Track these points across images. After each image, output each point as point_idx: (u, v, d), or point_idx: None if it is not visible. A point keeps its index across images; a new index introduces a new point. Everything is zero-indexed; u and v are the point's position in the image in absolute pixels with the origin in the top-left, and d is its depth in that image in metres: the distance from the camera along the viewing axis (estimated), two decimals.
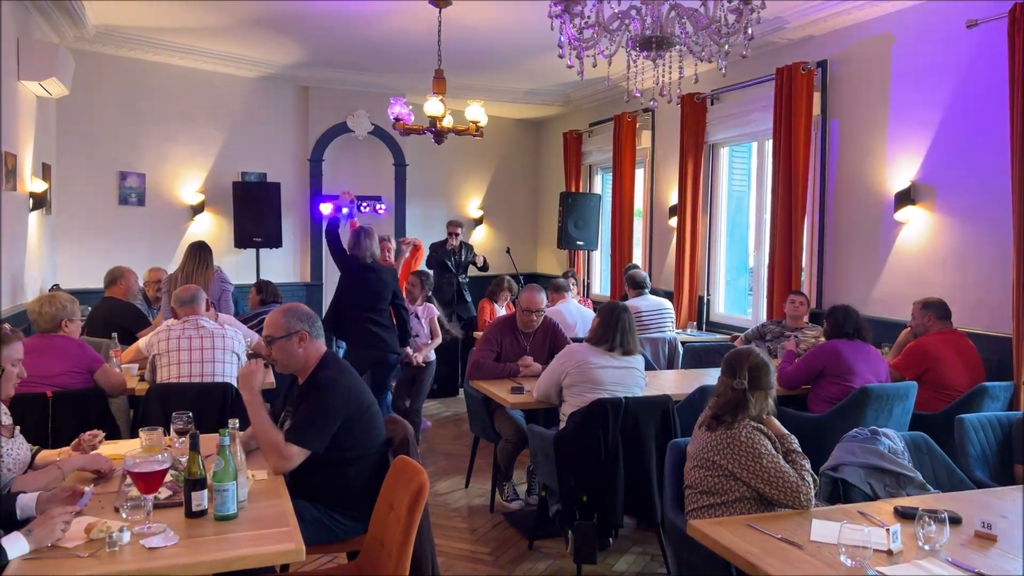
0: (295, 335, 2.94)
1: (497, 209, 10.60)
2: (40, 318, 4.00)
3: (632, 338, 4.09)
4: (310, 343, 2.97)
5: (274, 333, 2.96)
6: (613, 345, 4.02)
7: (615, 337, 4.03)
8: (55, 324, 4.01)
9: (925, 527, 2.22)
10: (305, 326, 2.96)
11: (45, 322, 4.00)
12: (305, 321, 2.98)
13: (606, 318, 4.08)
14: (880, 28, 5.61)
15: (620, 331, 4.04)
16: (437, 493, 5.05)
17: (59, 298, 4.08)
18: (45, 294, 4.15)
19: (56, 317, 4.01)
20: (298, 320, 2.97)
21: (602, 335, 4.04)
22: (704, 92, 7.16)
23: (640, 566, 4.00)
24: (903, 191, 5.38)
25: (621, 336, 4.04)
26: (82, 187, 7.62)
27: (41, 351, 3.83)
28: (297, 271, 9.11)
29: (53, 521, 2.12)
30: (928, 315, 4.71)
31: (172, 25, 7.07)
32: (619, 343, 4.03)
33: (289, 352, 2.95)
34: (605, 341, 4.03)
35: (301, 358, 2.97)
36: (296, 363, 2.98)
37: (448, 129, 6.29)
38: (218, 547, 2.18)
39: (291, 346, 2.94)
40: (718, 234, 7.55)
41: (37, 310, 4.01)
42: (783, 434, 2.79)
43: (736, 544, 2.26)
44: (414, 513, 2.42)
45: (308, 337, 2.96)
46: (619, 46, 3.24)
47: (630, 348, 4.07)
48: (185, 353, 4.07)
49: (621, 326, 4.05)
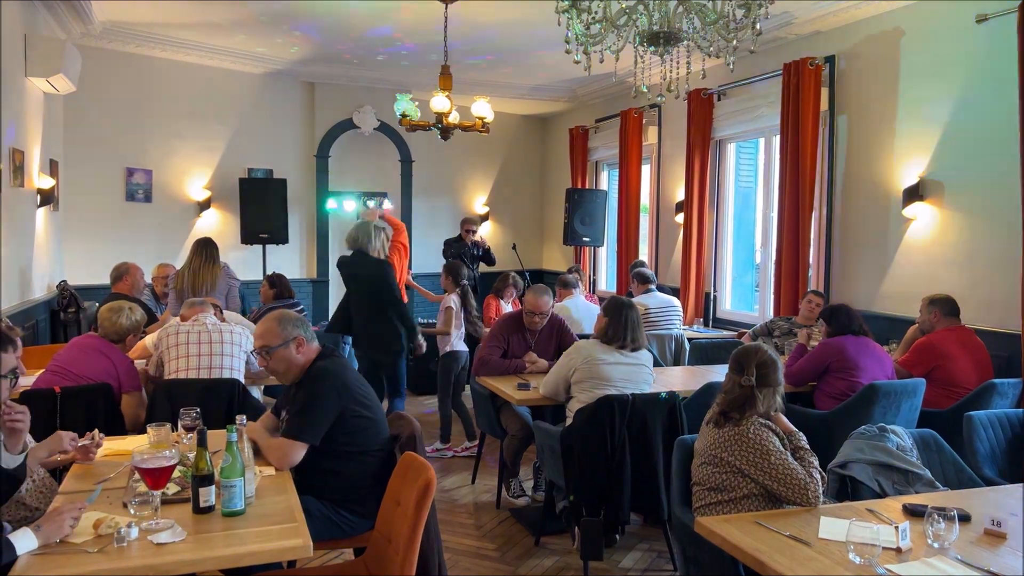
0: (292, 342, 2.93)
1: (503, 205, 10.59)
2: (112, 327, 3.96)
3: (640, 333, 4.09)
4: (307, 347, 2.97)
5: (271, 343, 2.92)
6: (624, 343, 4.02)
7: (625, 334, 4.02)
8: (121, 336, 4.00)
9: (934, 525, 2.21)
10: (300, 331, 2.96)
11: (114, 331, 3.97)
12: (299, 326, 2.97)
13: (614, 316, 4.07)
14: (889, 23, 5.58)
15: (629, 328, 4.04)
16: (444, 489, 5.05)
17: (132, 314, 4.04)
18: (120, 304, 4.07)
19: (127, 330, 4.00)
20: (293, 327, 2.95)
21: (612, 334, 4.03)
22: (711, 88, 7.14)
23: (647, 563, 4.00)
24: (911, 187, 5.36)
25: (631, 332, 4.04)
26: (89, 183, 7.64)
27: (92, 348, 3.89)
28: (303, 267, 9.12)
29: (62, 517, 2.13)
30: (936, 312, 4.69)
31: (178, 21, 7.08)
32: (629, 340, 4.03)
33: (288, 359, 2.93)
34: (616, 339, 4.02)
35: (300, 364, 2.95)
36: (295, 370, 2.96)
37: (454, 125, 6.28)
38: (226, 543, 2.19)
39: (289, 353, 2.93)
40: (725, 230, 7.53)
41: (111, 319, 3.95)
42: (791, 431, 2.78)
43: (744, 541, 2.25)
44: (421, 509, 2.42)
45: (305, 342, 2.96)
46: (626, 41, 3.22)
47: (639, 344, 4.07)
48: (194, 347, 4.09)
49: (630, 323, 4.04)
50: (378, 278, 5.30)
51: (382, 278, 5.29)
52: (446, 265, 6.17)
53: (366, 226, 5.47)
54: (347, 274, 5.50)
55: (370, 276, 5.33)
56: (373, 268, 5.32)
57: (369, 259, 5.37)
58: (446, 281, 6.03)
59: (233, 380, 4.00)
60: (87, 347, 3.94)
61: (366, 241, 5.36)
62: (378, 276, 5.30)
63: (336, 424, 2.85)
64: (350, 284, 5.52)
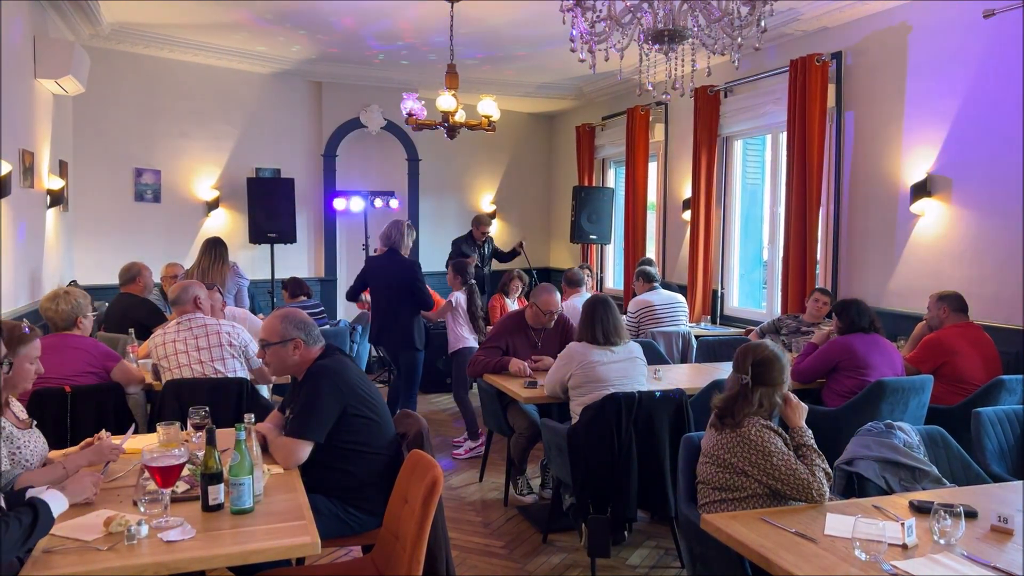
0: (290, 342, 2.97)
1: (510, 203, 10.59)
2: (56, 315, 3.98)
3: (617, 326, 4.05)
4: (305, 350, 2.99)
5: (269, 338, 2.99)
6: (610, 339, 4.00)
7: (608, 329, 4.00)
8: (70, 321, 4.00)
9: (941, 521, 2.21)
10: (301, 334, 2.98)
11: (61, 319, 3.98)
12: (301, 329, 3.00)
13: (588, 316, 4.06)
14: (896, 18, 5.56)
15: (609, 321, 4.01)
16: (451, 487, 5.07)
17: (73, 294, 4.06)
18: (58, 289, 4.10)
19: (71, 314, 3.99)
20: (294, 327, 2.99)
21: (592, 333, 4.01)
22: (717, 85, 7.13)
23: (654, 560, 4.00)
24: (919, 183, 5.34)
25: (612, 324, 4.02)
26: (98, 184, 7.69)
27: (59, 350, 3.84)
28: (312, 266, 9.15)
29: (84, 481, 2.22)
30: (944, 308, 4.67)
31: (186, 22, 7.11)
32: (613, 333, 4.00)
33: (282, 358, 2.98)
34: (601, 337, 4.00)
35: (295, 364, 3.00)
36: (288, 368, 3.02)
37: (460, 124, 6.29)
38: (234, 540, 2.20)
39: (285, 352, 2.97)
40: (732, 227, 7.52)
41: (52, 307, 3.97)
42: (798, 426, 2.75)
43: (750, 538, 2.25)
44: (428, 507, 2.43)
45: (303, 344, 2.99)
46: (631, 39, 3.22)
47: (621, 336, 4.04)
48: (184, 356, 4.04)
49: (608, 317, 4.02)
50: (408, 277, 5.68)
51: (413, 278, 5.69)
52: (453, 264, 6.19)
53: (399, 224, 5.69)
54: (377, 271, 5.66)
55: (400, 274, 5.68)
56: (404, 267, 5.71)
57: (400, 257, 5.74)
58: (453, 279, 6.05)
59: (241, 379, 4.02)
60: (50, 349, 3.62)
61: (399, 239, 5.65)
62: (409, 275, 5.69)
63: (339, 422, 2.87)
64: (378, 281, 5.69)
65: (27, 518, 2.01)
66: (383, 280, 5.77)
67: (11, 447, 2.61)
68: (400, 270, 5.70)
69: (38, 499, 2.08)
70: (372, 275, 5.85)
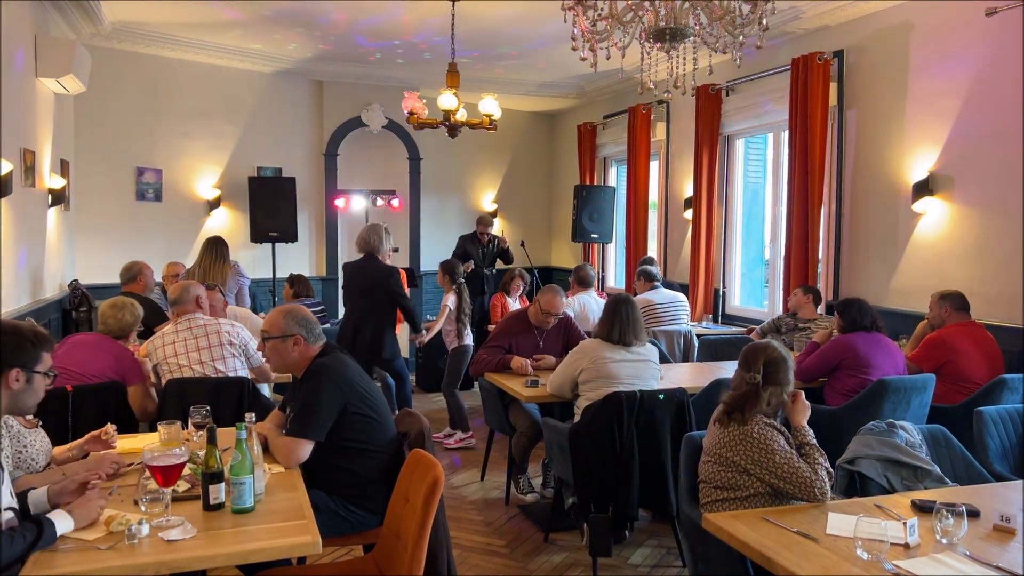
0: (290, 338, 2.97)
1: (511, 202, 10.58)
2: (116, 323, 4.03)
3: (637, 327, 4.06)
4: (305, 347, 2.99)
5: (271, 332, 3.01)
6: (628, 340, 4.01)
7: (627, 330, 4.01)
8: (126, 332, 4.08)
9: (943, 520, 2.21)
10: (302, 331, 2.99)
11: (118, 327, 4.04)
12: (303, 326, 3.00)
13: (609, 313, 4.08)
14: (898, 16, 5.55)
15: (629, 323, 4.02)
16: (452, 486, 5.07)
17: (136, 308, 4.13)
18: (126, 300, 4.18)
19: (131, 326, 4.09)
20: (296, 324, 2.99)
21: (614, 332, 4.02)
22: (719, 83, 7.12)
23: (655, 559, 4.00)
24: (921, 182, 5.33)
25: (632, 327, 4.03)
26: (100, 183, 7.68)
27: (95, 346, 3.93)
28: (313, 265, 9.15)
29: (92, 503, 2.21)
30: (946, 307, 4.67)
31: (187, 21, 7.10)
32: (631, 335, 4.01)
33: (281, 353, 2.99)
34: (620, 337, 4.01)
35: (294, 360, 3.00)
36: (287, 365, 3.02)
37: (462, 123, 6.29)
38: (235, 539, 2.20)
39: (284, 348, 2.98)
40: (734, 226, 7.51)
41: (114, 316, 4.03)
42: (801, 425, 2.76)
43: (752, 537, 2.25)
44: (429, 506, 2.43)
45: (303, 341, 2.99)
46: (633, 38, 3.22)
47: (640, 337, 4.06)
48: (184, 356, 4.04)
49: (629, 319, 4.03)
50: (385, 283, 5.60)
51: (389, 284, 5.61)
52: (442, 263, 6.36)
53: (377, 228, 5.66)
54: (354, 276, 5.64)
55: (377, 280, 5.61)
56: (381, 273, 5.63)
57: (378, 263, 5.66)
58: (442, 279, 6.23)
59: (242, 379, 4.01)
60: (89, 345, 3.97)
61: (377, 243, 5.59)
62: (385, 281, 5.60)
63: (340, 420, 2.87)
64: (354, 288, 5.66)
65: (31, 535, 2.04)
66: (358, 287, 5.70)
67: (18, 446, 2.62)
68: (377, 275, 5.64)
69: (45, 518, 2.10)
70: (348, 281, 5.80)
